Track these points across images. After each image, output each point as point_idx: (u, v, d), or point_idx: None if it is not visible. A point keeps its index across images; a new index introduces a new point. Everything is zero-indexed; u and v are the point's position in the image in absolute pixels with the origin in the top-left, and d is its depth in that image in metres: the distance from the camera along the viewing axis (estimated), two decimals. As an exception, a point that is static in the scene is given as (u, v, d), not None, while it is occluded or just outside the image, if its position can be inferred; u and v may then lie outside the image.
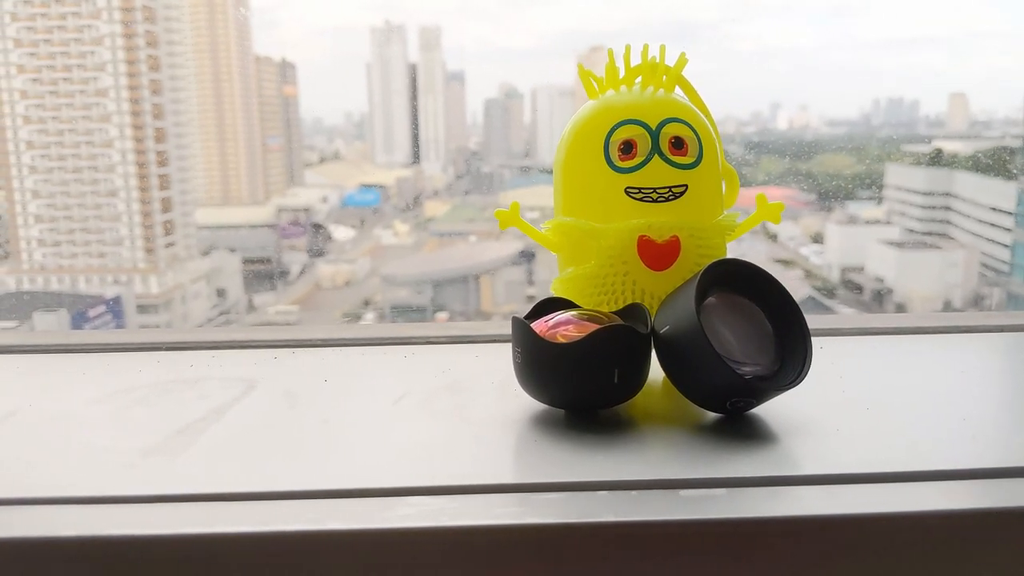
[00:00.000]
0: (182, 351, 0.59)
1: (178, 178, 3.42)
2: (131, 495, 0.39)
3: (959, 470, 0.39)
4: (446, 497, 0.38)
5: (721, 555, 0.36)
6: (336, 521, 0.36)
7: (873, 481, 0.38)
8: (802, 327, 0.46)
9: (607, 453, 0.42)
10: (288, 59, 3.67)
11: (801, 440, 0.43)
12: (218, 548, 0.36)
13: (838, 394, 0.49)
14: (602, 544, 0.36)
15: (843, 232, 3.55)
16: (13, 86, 3.12)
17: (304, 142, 3.88)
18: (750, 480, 0.39)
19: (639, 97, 0.50)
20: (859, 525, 0.36)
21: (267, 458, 0.43)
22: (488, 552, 0.36)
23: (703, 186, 0.50)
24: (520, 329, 0.45)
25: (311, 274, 3.67)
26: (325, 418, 0.47)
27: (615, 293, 0.50)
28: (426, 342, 0.60)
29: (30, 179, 3.22)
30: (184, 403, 0.50)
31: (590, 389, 0.45)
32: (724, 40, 9.54)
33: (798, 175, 3.51)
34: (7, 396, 0.52)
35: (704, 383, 0.44)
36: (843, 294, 3.51)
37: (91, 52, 3.19)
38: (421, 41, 3.78)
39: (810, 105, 3.86)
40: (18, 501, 0.38)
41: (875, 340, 0.60)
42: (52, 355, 0.59)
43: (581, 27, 5.46)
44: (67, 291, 3.41)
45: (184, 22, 3.48)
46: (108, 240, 3.36)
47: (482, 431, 0.45)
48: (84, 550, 0.36)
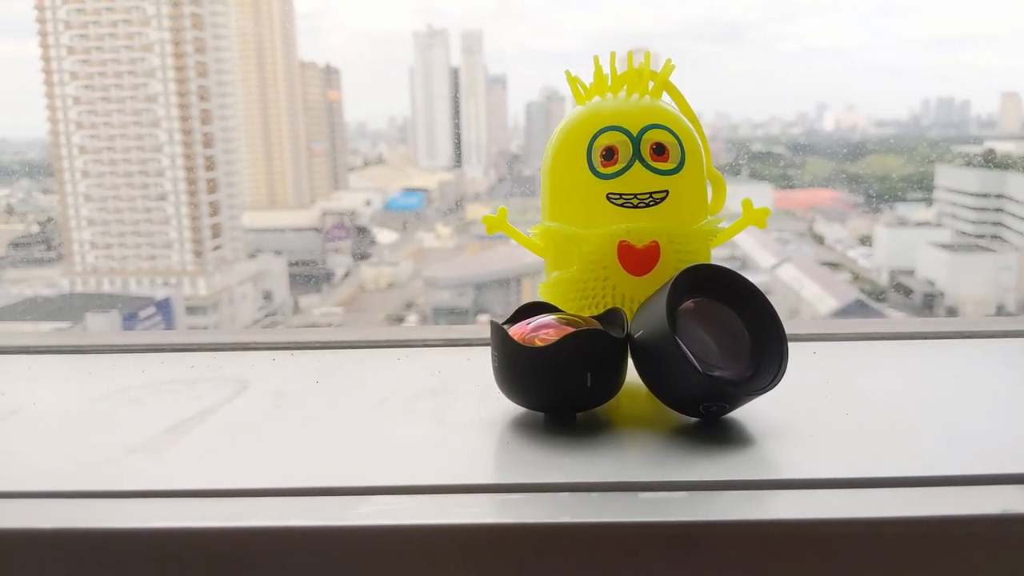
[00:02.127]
0: (184, 352, 0.61)
1: (225, 182, 3.49)
2: (107, 490, 0.40)
3: (921, 477, 0.38)
4: (408, 496, 0.39)
5: (676, 558, 0.36)
6: (298, 518, 0.37)
7: (833, 487, 0.38)
8: (779, 332, 0.46)
9: (576, 455, 0.42)
10: (332, 64, 3.72)
11: (771, 445, 0.43)
12: (181, 543, 0.37)
13: (820, 399, 0.49)
14: (557, 545, 0.37)
15: (892, 234, 3.49)
16: (66, 92, 3.20)
17: (348, 146, 3.93)
18: (710, 484, 0.39)
19: (622, 104, 0.51)
20: (815, 529, 0.36)
21: (243, 457, 0.44)
22: (444, 551, 0.37)
23: (684, 192, 0.50)
24: (496, 333, 0.46)
25: (355, 277, 3.71)
26: (307, 418, 0.48)
27: (596, 298, 0.50)
28: (423, 345, 0.61)
29: (83, 183, 3.31)
30: (177, 403, 0.51)
31: (563, 392, 0.45)
32: (768, 41, 9.43)
33: (846, 177, 3.47)
34: (15, 394, 0.54)
35: (676, 387, 0.44)
36: (892, 297, 3.45)
37: (141, 59, 3.27)
38: (463, 45, 3.81)
39: (858, 105, 3.80)
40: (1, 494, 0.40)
41: (872, 345, 0.59)
42: (62, 355, 0.61)
43: (622, 29, 5.44)
44: (119, 293, 3.49)
45: (231, 28, 3.54)
46: (158, 243, 3.44)
47: (457, 433, 0.45)
48: (57, 542, 0.37)
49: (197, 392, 0.52)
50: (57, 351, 0.62)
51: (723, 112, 4.28)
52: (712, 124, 4.20)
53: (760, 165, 3.81)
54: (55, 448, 0.46)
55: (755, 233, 4.14)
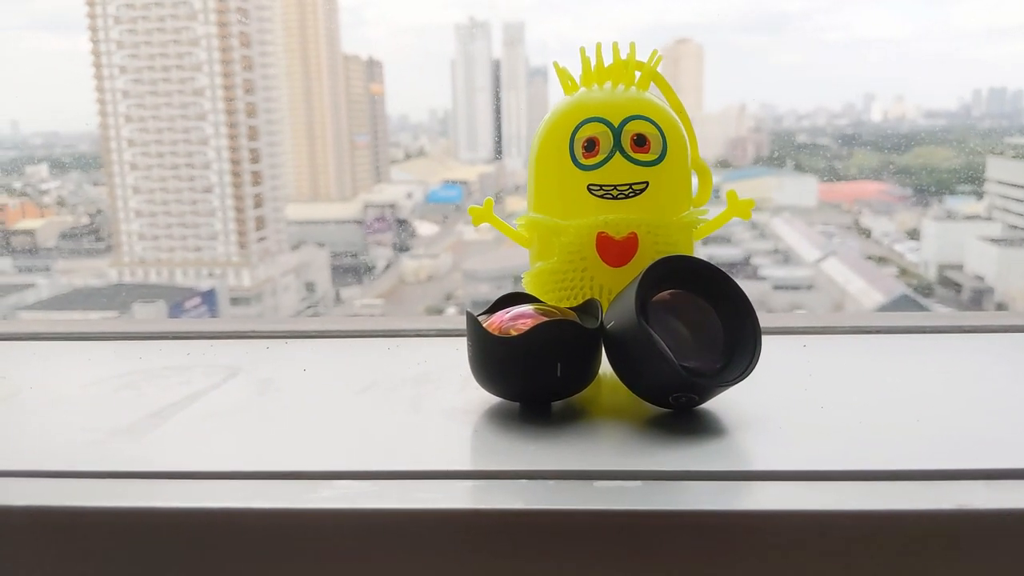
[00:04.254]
0: (183, 340, 0.62)
1: (269, 175, 3.54)
2: (87, 470, 0.41)
3: (878, 471, 0.38)
4: (369, 482, 0.39)
5: (628, 546, 0.37)
6: (260, 500, 0.38)
7: (788, 479, 0.38)
8: (753, 324, 0.45)
9: (541, 444, 0.42)
10: (375, 57, 3.75)
11: (738, 436, 0.43)
12: (150, 522, 0.38)
13: (799, 393, 0.49)
14: (510, 531, 0.37)
15: (941, 228, 3.41)
16: (116, 87, 3.28)
17: (390, 139, 3.96)
18: (667, 474, 0.39)
19: (606, 95, 0.51)
20: (765, 521, 0.36)
21: (217, 441, 0.45)
22: (400, 535, 0.37)
23: (665, 183, 0.50)
24: (469, 323, 0.46)
25: (395, 269, 3.75)
26: (287, 405, 0.49)
27: (575, 289, 0.50)
28: (415, 335, 0.62)
29: (131, 176, 3.38)
30: (167, 388, 0.52)
31: (534, 382, 0.45)
32: (814, 31, 9.26)
33: (893, 169, 3.40)
34: (20, 378, 0.56)
35: (644, 377, 0.44)
36: (940, 292, 3.39)
37: (188, 53, 3.33)
38: (505, 37, 3.81)
39: (906, 96, 3.72)
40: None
41: (866, 339, 0.59)
42: (67, 342, 0.63)
43: (664, 21, 5.39)
44: (165, 283, 3.57)
45: (276, 22, 3.59)
46: (203, 235, 3.50)
47: (428, 421, 0.46)
48: (37, 519, 0.39)
49: (188, 378, 0.54)
50: (62, 338, 0.64)
51: (768, 103, 4.23)
52: (756, 115, 4.15)
53: (805, 157, 3.76)
54: (44, 430, 0.47)
55: (799, 226, 4.08)
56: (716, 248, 3.87)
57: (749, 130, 3.91)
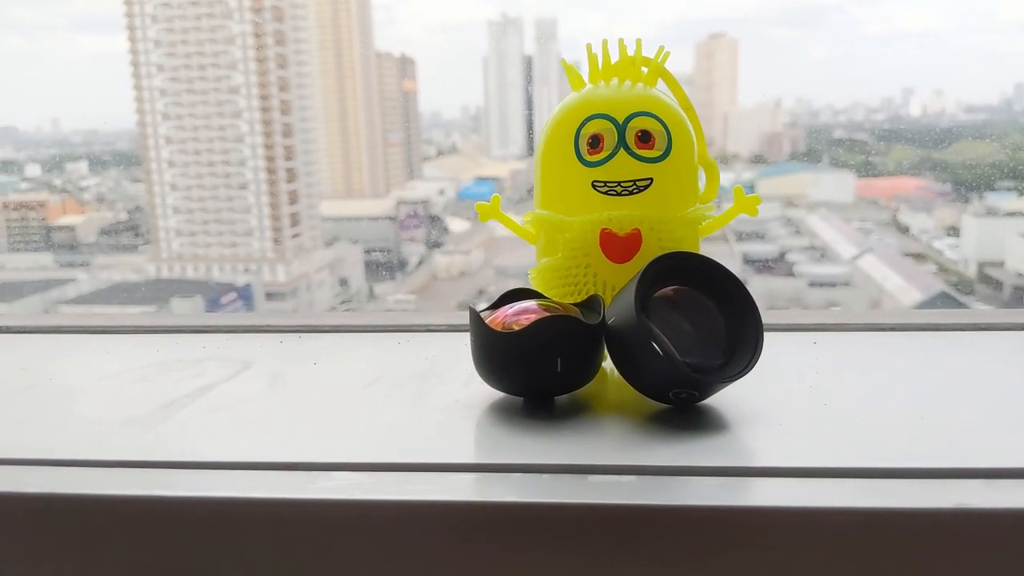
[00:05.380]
0: (201, 334, 0.63)
1: (304, 171, 3.58)
2: (92, 459, 0.42)
3: (874, 468, 0.38)
4: (365, 473, 0.40)
5: (621, 540, 0.37)
6: (260, 490, 0.39)
7: (786, 475, 0.38)
8: (755, 321, 0.45)
9: (539, 439, 0.42)
10: (408, 54, 3.77)
11: (738, 432, 0.42)
12: (151, 510, 0.39)
13: (804, 389, 0.48)
14: (502, 523, 0.37)
15: (981, 225, 3.35)
16: (153, 85, 3.33)
17: (423, 136, 3.97)
18: (663, 469, 0.39)
19: (612, 92, 0.51)
20: (754, 517, 0.36)
21: (224, 432, 0.46)
22: (395, 526, 0.38)
23: (670, 179, 0.50)
24: (472, 318, 0.47)
25: (428, 265, 3.76)
26: (294, 398, 0.50)
27: (578, 285, 0.50)
28: (425, 330, 0.62)
29: (168, 172, 3.43)
30: (180, 381, 0.53)
31: (534, 377, 0.45)
32: (852, 24, 9.12)
33: (932, 164, 3.35)
34: (39, 370, 0.57)
35: (644, 373, 0.44)
36: (980, 290, 3.33)
37: (224, 51, 3.37)
38: (537, 33, 3.81)
39: (945, 90, 3.66)
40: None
41: (877, 336, 0.58)
42: (70, 335, 0.65)
43: (699, 15, 5.35)
44: (202, 279, 3.62)
45: (310, 20, 3.63)
46: (239, 231, 3.55)
47: (428, 415, 0.46)
48: (46, 505, 0.40)
49: (201, 371, 0.55)
50: (83, 331, 0.65)
51: (804, 98, 4.18)
52: (792, 110, 4.10)
53: (842, 152, 3.71)
54: (56, 420, 0.49)
55: (835, 223, 4.03)
56: (751, 245, 3.84)
57: (784, 125, 3.87)
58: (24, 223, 3.17)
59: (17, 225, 3.16)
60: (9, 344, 0.64)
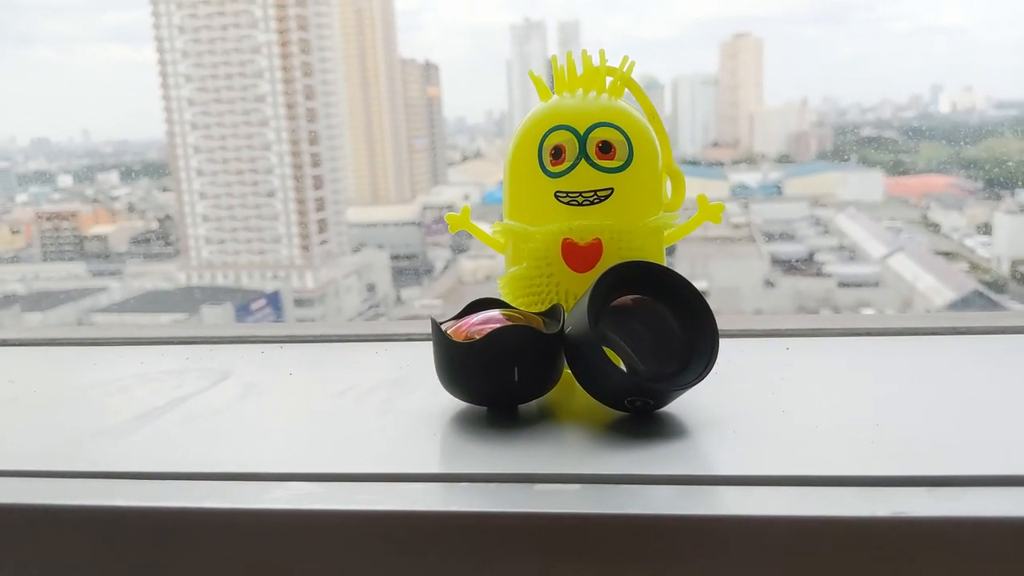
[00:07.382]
0: (187, 345, 0.64)
1: (330, 178, 3.62)
2: (56, 470, 0.44)
3: (823, 476, 0.38)
4: (318, 483, 0.41)
5: (568, 548, 0.37)
6: (213, 500, 0.40)
7: (727, 483, 0.38)
8: (711, 328, 0.45)
9: (494, 447, 0.43)
10: (431, 60, 3.80)
11: (697, 440, 0.43)
12: (107, 520, 0.40)
13: (767, 396, 0.48)
14: (446, 533, 0.38)
15: (1014, 222, 3.30)
16: (181, 95, 3.39)
17: (447, 141, 4.00)
18: (612, 477, 0.39)
19: (575, 103, 0.51)
20: (691, 523, 0.36)
21: (190, 442, 0.46)
22: (345, 536, 0.39)
23: (631, 189, 0.50)
24: (433, 329, 0.47)
25: (454, 269, 3.78)
26: (264, 408, 0.51)
27: (542, 294, 0.51)
28: (406, 339, 0.63)
29: (197, 181, 3.49)
30: (158, 392, 0.54)
31: (492, 386, 0.46)
32: (879, 20, 9.01)
33: (963, 161, 3.31)
34: (24, 381, 0.59)
35: (598, 382, 0.45)
36: (1014, 288, 3.28)
37: (250, 60, 3.42)
38: (560, 36, 3.82)
39: (975, 86, 3.61)
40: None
41: (853, 342, 0.58)
42: (65, 347, 0.66)
43: (724, 14, 5.32)
44: (231, 286, 3.67)
45: (335, 28, 3.67)
46: (267, 238, 3.60)
47: (392, 423, 0.47)
48: (10, 516, 0.41)
49: (179, 382, 0.56)
50: (68, 343, 0.67)
51: (831, 96, 4.14)
52: (819, 109, 4.07)
53: (871, 151, 3.67)
54: (31, 431, 0.50)
55: (864, 222, 3.99)
56: (779, 245, 3.80)
57: (811, 124, 3.84)
58: (57, 233, 3.23)
59: (50, 235, 3.23)
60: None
